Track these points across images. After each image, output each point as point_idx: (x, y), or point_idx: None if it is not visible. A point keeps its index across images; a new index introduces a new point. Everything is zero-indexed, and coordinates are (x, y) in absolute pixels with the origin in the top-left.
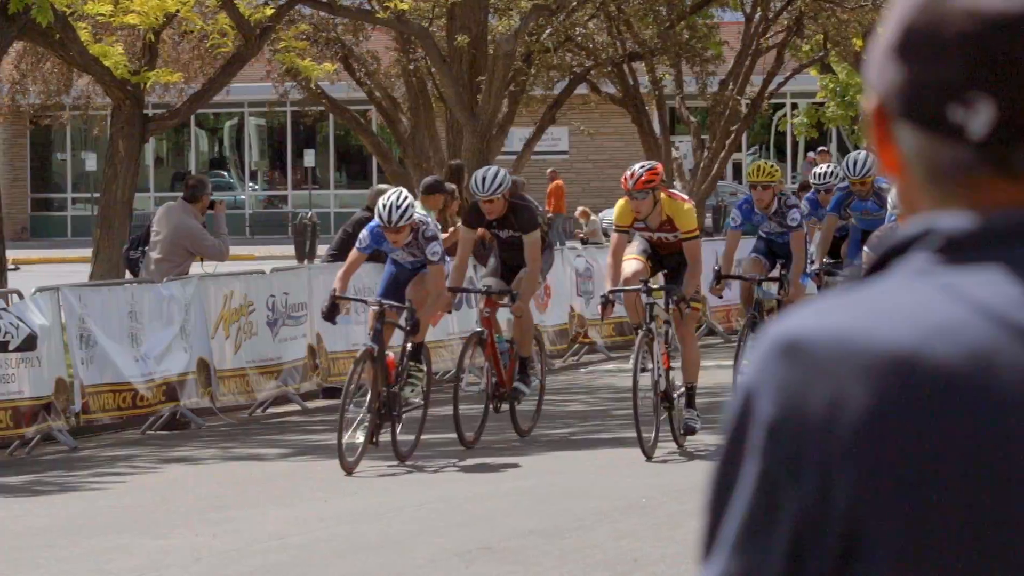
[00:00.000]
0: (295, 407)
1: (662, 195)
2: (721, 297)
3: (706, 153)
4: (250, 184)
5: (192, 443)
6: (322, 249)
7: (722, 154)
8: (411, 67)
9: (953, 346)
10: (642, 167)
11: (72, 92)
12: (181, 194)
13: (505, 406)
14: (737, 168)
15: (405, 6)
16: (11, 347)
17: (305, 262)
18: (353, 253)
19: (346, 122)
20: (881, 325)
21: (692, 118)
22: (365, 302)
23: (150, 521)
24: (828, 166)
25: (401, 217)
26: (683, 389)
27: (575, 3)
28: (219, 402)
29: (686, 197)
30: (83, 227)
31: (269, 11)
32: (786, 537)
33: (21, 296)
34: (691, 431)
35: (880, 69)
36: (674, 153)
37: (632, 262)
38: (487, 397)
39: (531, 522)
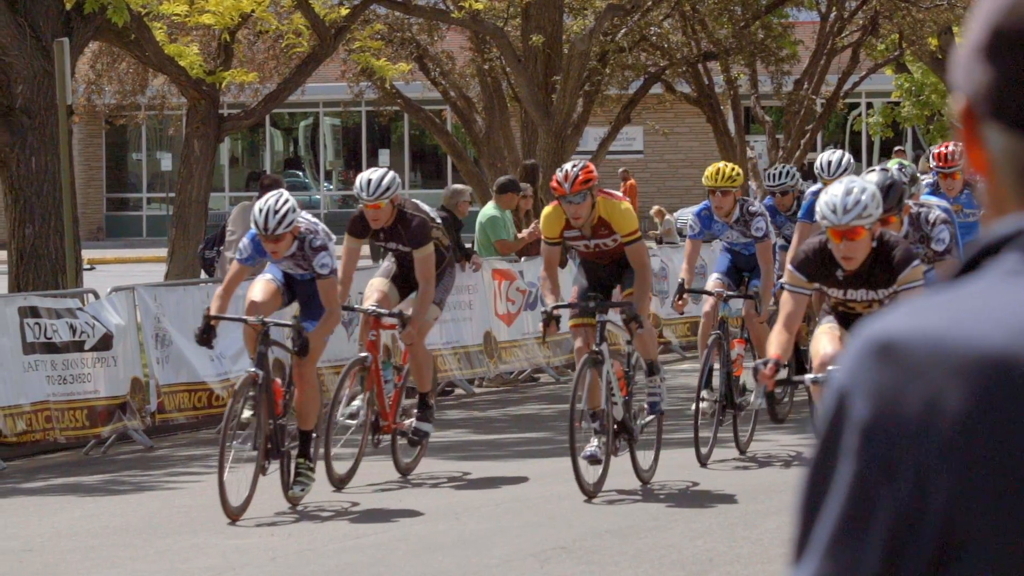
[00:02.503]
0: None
1: (598, 195)
2: (682, 313)
3: (781, 153)
4: (325, 184)
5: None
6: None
7: (797, 154)
8: (486, 67)
9: None
10: (575, 166)
11: (147, 92)
12: (256, 194)
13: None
14: (812, 168)
15: (480, 6)
16: (87, 346)
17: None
18: (233, 266)
19: (421, 122)
20: (975, 326)
21: (767, 117)
22: (245, 321)
23: (225, 521)
24: (783, 166)
25: (280, 224)
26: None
27: (650, 3)
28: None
29: (622, 195)
30: (158, 227)
31: (344, 11)
32: (881, 539)
33: (97, 296)
34: (655, 410)
35: (967, 70)
36: (749, 153)
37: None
38: (366, 430)
39: (606, 522)
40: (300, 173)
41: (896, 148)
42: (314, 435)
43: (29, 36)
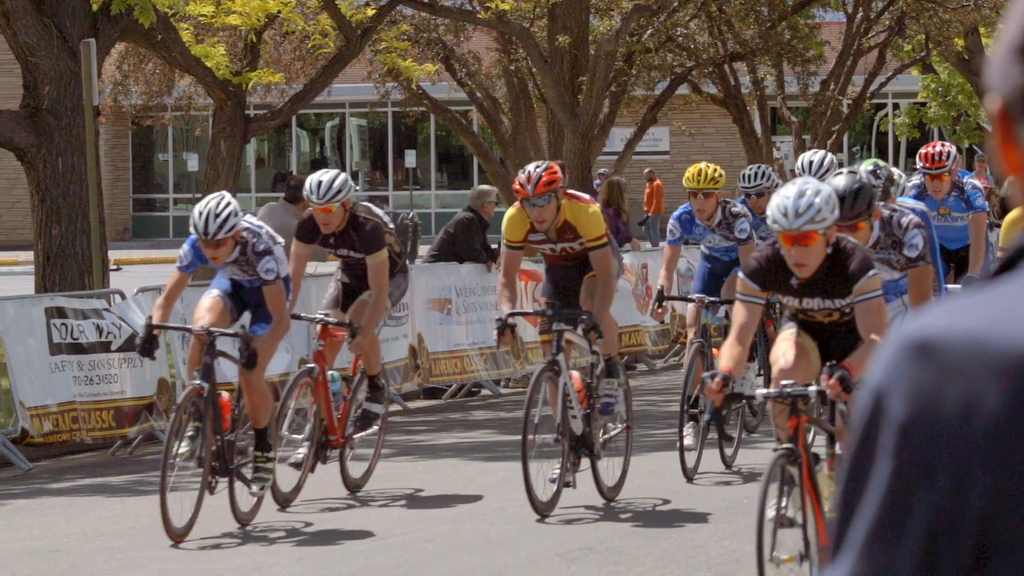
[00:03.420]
0: (396, 407)
1: (562, 198)
2: (663, 322)
3: None
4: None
5: (295, 444)
6: (423, 250)
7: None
8: (512, 67)
9: None
10: (538, 167)
11: (174, 93)
12: (282, 194)
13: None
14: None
15: (506, 6)
16: (113, 347)
17: (407, 263)
18: (174, 275)
19: (447, 122)
20: (1014, 325)
21: (793, 118)
22: (188, 331)
23: (252, 521)
24: (759, 166)
25: (220, 228)
26: (603, 364)
27: (676, 3)
28: None
29: (588, 198)
30: (184, 227)
31: (370, 12)
32: (919, 538)
33: (123, 296)
34: (607, 411)
35: (1003, 70)
36: (775, 153)
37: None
38: (312, 445)
39: (632, 523)
40: None
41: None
42: (268, 430)
43: (56, 37)
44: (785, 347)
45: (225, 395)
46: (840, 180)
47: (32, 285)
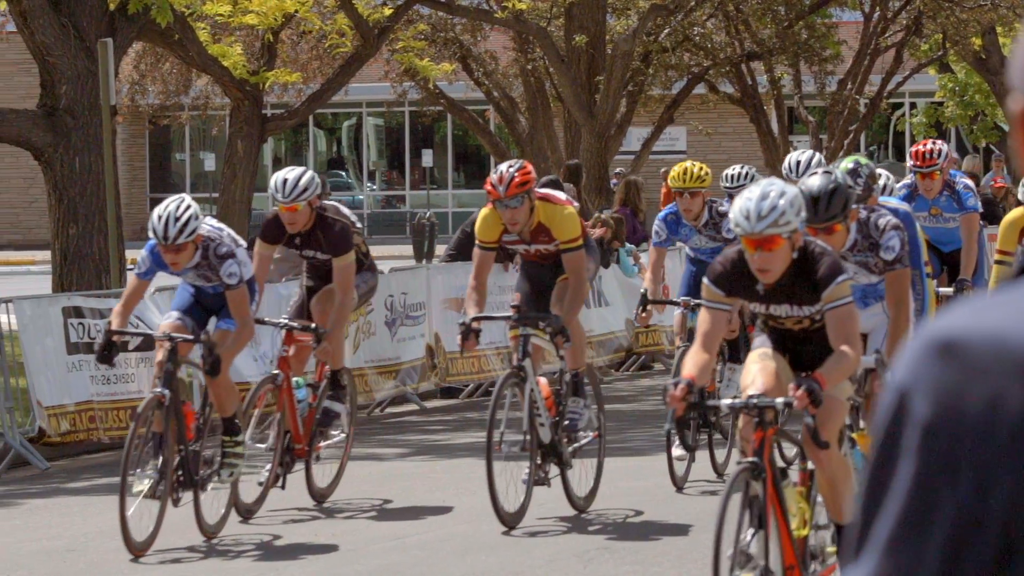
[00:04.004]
0: (413, 407)
1: (536, 199)
2: (648, 327)
3: (824, 153)
4: (368, 184)
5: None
6: (440, 249)
7: (840, 154)
8: (529, 67)
9: None
10: (511, 167)
11: (191, 92)
12: None
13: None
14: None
15: (523, 6)
16: (131, 347)
17: (424, 262)
18: (131, 281)
19: (464, 122)
20: None
21: (810, 117)
22: (147, 336)
23: (269, 520)
24: (742, 166)
25: (181, 232)
26: (568, 378)
27: (693, 3)
28: None
29: (565, 199)
30: None
31: (387, 11)
32: (942, 538)
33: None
34: (573, 429)
35: None
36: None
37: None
38: (277, 455)
39: (650, 522)
40: (343, 173)
41: None
42: (235, 416)
43: (73, 37)
44: (755, 371)
45: (188, 404)
46: (814, 180)
47: (49, 285)
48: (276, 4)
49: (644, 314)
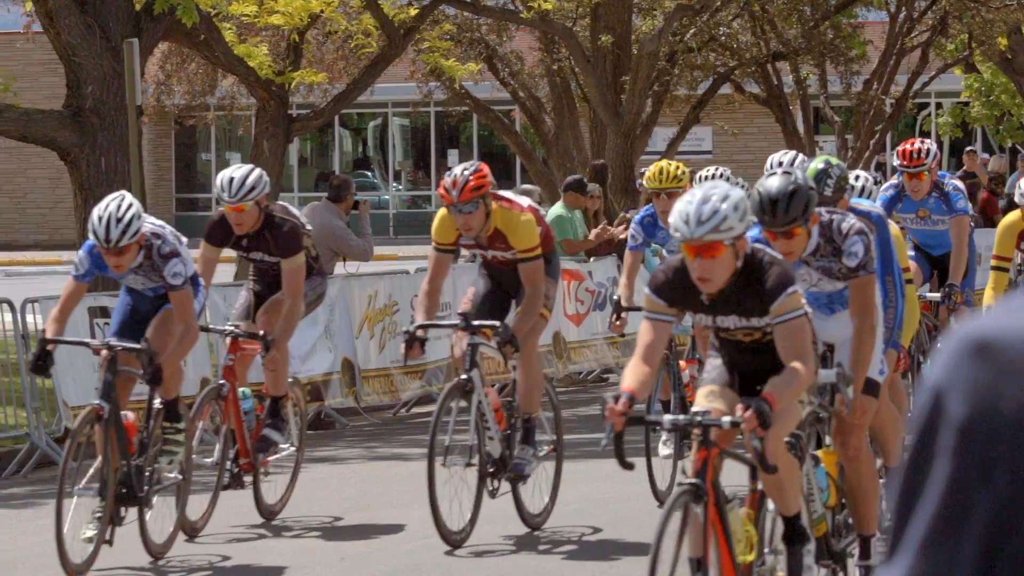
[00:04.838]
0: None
1: (493, 203)
2: (623, 335)
3: (850, 153)
4: (394, 184)
5: (336, 443)
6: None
7: (866, 154)
8: (555, 67)
9: None
10: (466, 170)
11: (217, 93)
12: (325, 194)
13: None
14: (880, 169)
15: (549, 6)
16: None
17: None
18: (69, 284)
19: (490, 122)
20: None
21: (836, 118)
22: (86, 344)
23: (294, 520)
24: (717, 167)
25: (124, 233)
26: (520, 423)
27: (719, 3)
28: (363, 402)
29: (525, 204)
30: None
31: (413, 11)
32: (977, 539)
33: None
34: (520, 476)
35: None
36: (819, 153)
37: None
38: (221, 470)
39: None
40: (369, 173)
41: (967, 148)
42: (178, 401)
43: (99, 37)
44: (705, 406)
45: (131, 416)
46: (773, 181)
47: None
48: (302, 4)
49: (619, 322)
